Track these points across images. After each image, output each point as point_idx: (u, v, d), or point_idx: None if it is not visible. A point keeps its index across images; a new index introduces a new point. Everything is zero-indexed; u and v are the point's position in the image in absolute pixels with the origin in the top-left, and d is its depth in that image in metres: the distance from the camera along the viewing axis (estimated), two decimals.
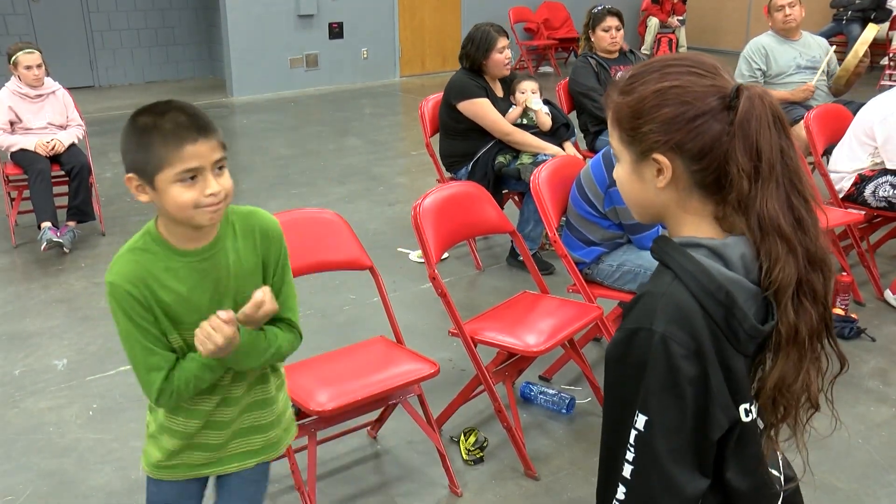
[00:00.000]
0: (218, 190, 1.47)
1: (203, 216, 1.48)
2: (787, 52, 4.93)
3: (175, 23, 10.06)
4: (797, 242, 1.09)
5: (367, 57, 9.90)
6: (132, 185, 1.51)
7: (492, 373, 2.73)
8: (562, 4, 10.96)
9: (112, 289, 1.52)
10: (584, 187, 2.95)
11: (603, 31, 4.61)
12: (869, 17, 9.37)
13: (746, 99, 1.08)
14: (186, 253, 1.55)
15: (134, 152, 1.48)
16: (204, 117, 1.50)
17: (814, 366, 1.13)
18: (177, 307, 1.54)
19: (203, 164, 1.46)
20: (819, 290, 1.11)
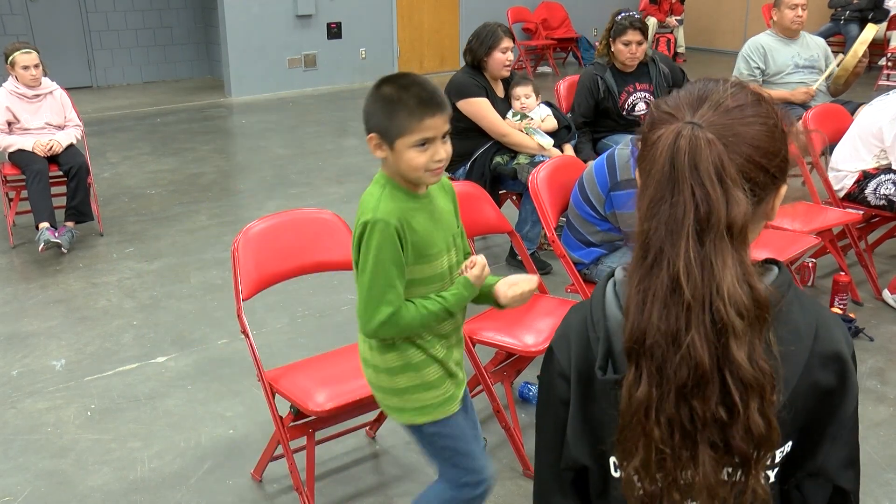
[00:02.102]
0: (444, 157, 1.75)
1: (428, 177, 1.77)
2: (785, 51, 4.93)
3: (173, 23, 10.05)
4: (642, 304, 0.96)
5: (366, 57, 9.89)
6: (372, 143, 1.77)
7: (490, 373, 2.73)
8: (560, 4, 10.96)
9: (383, 226, 1.73)
10: (586, 188, 2.94)
11: (623, 45, 4.25)
12: (867, 17, 9.39)
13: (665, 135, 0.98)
14: (418, 197, 1.82)
15: (379, 117, 1.74)
16: (440, 94, 1.75)
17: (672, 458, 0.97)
18: (423, 239, 1.79)
19: (436, 135, 1.73)
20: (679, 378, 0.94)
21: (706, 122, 0.97)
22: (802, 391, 1.02)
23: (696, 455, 0.96)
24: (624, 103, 4.38)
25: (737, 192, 0.94)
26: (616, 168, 2.82)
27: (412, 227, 1.77)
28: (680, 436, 0.95)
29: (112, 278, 4.26)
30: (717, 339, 0.93)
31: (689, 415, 0.95)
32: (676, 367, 0.94)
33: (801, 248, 3.44)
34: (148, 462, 2.76)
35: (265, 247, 2.48)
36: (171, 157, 6.62)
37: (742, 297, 0.93)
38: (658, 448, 0.96)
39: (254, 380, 2.93)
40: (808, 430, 1.05)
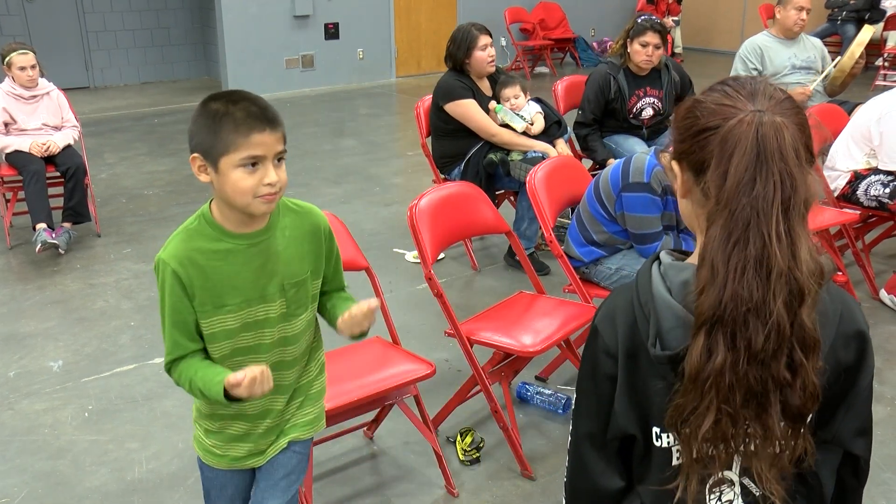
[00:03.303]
0: (275, 180, 1.55)
1: (258, 205, 1.55)
2: (782, 52, 4.93)
3: (170, 23, 10.04)
4: (726, 277, 1.02)
5: (363, 57, 9.89)
6: (195, 164, 1.57)
7: (488, 373, 2.73)
8: (557, 5, 10.96)
9: (162, 266, 1.59)
10: (600, 186, 2.95)
11: (640, 46, 4.21)
12: (863, 17, 9.39)
13: (739, 122, 1.05)
14: (237, 236, 1.62)
15: (203, 134, 1.54)
16: (272, 110, 1.58)
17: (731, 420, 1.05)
18: (222, 287, 1.60)
19: (266, 154, 1.54)
20: (753, 342, 1.02)
21: (773, 112, 1.06)
22: (827, 368, 1.09)
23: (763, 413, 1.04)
24: (633, 107, 4.38)
25: (811, 172, 1.06)
26: (630, 171, 2.84)
27: (203, 272, 1.58)
28: (743, 397, 1.03)
29: (109, 279, 4.26)
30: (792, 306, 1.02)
31: (759, 377, 1.02)
32: (756, 334, 1.01)
33: None
34: (146, 463, 2.76)
35: None
36: (169, 158, 6.61)
37: (812, 265, 1.04)
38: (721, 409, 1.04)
39: None
40: (826, 402, 1.12)
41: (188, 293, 1.59)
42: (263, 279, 1.63)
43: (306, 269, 1.70)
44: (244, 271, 1.62)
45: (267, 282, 1.64)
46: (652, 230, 2.85)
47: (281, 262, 1.65)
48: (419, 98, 4.52)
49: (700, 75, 9.35)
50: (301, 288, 1.70)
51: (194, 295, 1.59)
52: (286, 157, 1.62)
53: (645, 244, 2.88)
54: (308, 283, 1.71)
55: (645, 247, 2.89)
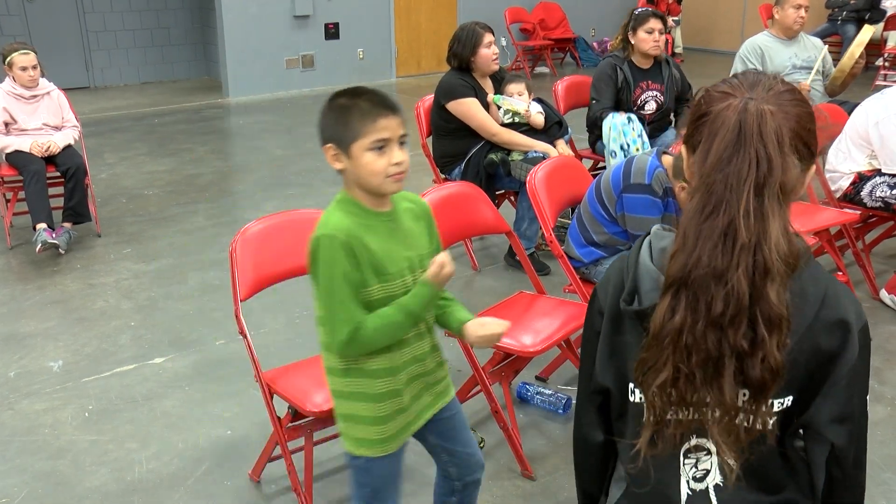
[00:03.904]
0: (402, 160, 1.72)
1: (389, 184, 1.72)
2: (782, 52, 4.93)
3: (170, 23, 10.04)
4: (695, 245, 1.10)
5: (363, 57, 9.89)
6: (329, 153, 1.76)
7: (488, 373, 2.73)
8: (557, 5, 10.96)
9: (328, 241, 1.69)
10: (601, 187, 2.95)
11: (646, 33, 4.36)
12: (863, 17, 9.39)
13: (727, 107, 1.13)
14: (377, 213, 1.78)
15: (333, 126, 1.74)
16: (392, 99, 1.75)
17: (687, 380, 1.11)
18: (382, 256, 1.74)
19: (391, 136, 1.71)
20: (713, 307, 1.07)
21: (763, 100, 1.13)
22: (805, 351, 1.15)
23: (718, 378, 1.10)
24: (637, 98, 4.45)
25: (791, 158, 1.12)
26: (631, 172, 2.84)
27: (364, 243, 1.71)
28: (701, 359, 1.10)
29: (109, 279, 4.26)
30: (755, 281, 1.08)
31: (717, 342, 1.09)
32: (715, 299, 1.08)
33: None
34: (146, 463, 2.76)
35: (263, 247, 2.48)
36: (169, 158, 6.61)
37: (784, 245, 1.09)
38: (679, 368, 1.11)
39: (252, 380, 2.92)
40: (806, 388, 1.18)
41: (356, 263, 1.70)
42: (406, 251, 1.80)
43: (426, 244, 1.88)
44: (392, 243, 1.77)
45: (409, 254, 1.81)
46: None
47: (412, 237, 1.83)
48: (419, 98, 4.52)
49: (700, 75, 9.36)
50: (427, 262, 1.83)
51: (359, 264, 1.71)
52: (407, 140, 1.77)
53: None
54: (427, 259, 1.85)
55: None
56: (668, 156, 2.85)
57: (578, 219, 3.06)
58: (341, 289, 1.69)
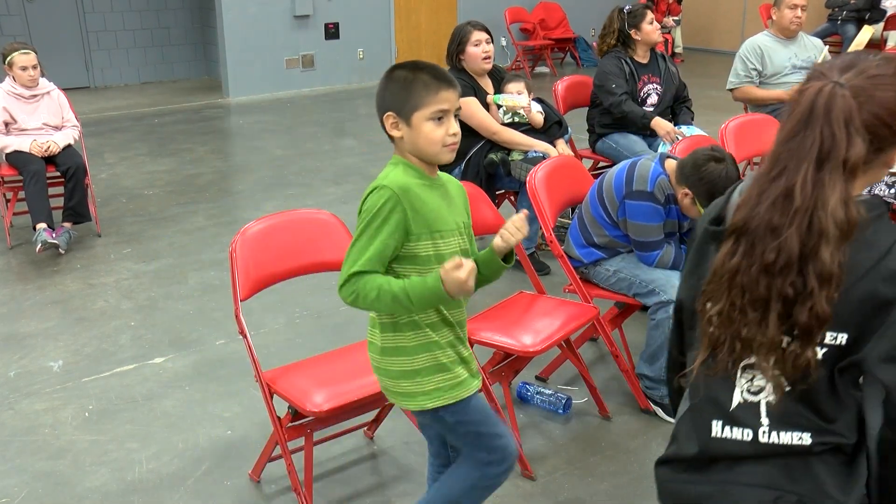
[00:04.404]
0: (457, 130, 1.81)
1: (445, 153, 1.82)
2: (782, 52, 4.93)
3: (171, 23, 10.04)
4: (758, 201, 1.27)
5: (363, 57, 9.89)
6: (389, 121, 1.82)
7: (488, 373, 2.73)
8: (558, 5, 10.96)
9: (383, 192, 1.77)
10: (604, 190, 2.94)
11: (649, 25, 4.48)
12: (863, 17, 9.38)
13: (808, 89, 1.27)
14: (430, 179, 1.86)
15: (396, 94, 1.80)
16: (451, 74, 1.84)
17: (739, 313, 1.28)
18: (434, 214, 1.82)
19: (450, 108, 1.80)
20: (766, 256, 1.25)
21: (848, 83, 1.25)
22: (863, 294, 1.26)
23: (766, 316, 1.26)
24: (640, 90, 4.50)
25: (857, 139, 1.23)
26: (634, 178, 2.83)
27: (422, 199, 1.80)
28: (751, 299, 1.26)
29: (109, 279, 4.26)
30: (808, 239, 1.23)
31: (767, 286, 1.25)
32: (769, 249, 1.24)
33: None
34: (146, 463, 2.76)
35: (263, 247, 2.48)
36: (169, 158, 6.61)
37: (840, 213, 1.23)
38: (733, 303, 1.27)
39: (252, 380, 2.92)
40: (861, 328, 1.27)
41: (406, 222, 1.78)
42: (454, 215, 1.88)
43: (466, 214, 1.95)
44: (443, 205, 1.85)
45: (457, 217, 1.89)
46: (653, 238, 2.84)
47: (456, 205, 1.91)
48: None
49: (701, 75, 9.35)
50: (467, 230, 1.94)
51: (411, 222, 1.78)
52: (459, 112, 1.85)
53: (645, 251, 2.87)
54: (468, 229, 1.95)
55: (645, 254, 2.88)
56: (671, 160, 2.84)
57: (580, 219, 3.05)
58: (374, 236, 1.76)
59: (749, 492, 1.30)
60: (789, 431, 1.30)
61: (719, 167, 2.64)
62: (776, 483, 1.30)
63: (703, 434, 1.35)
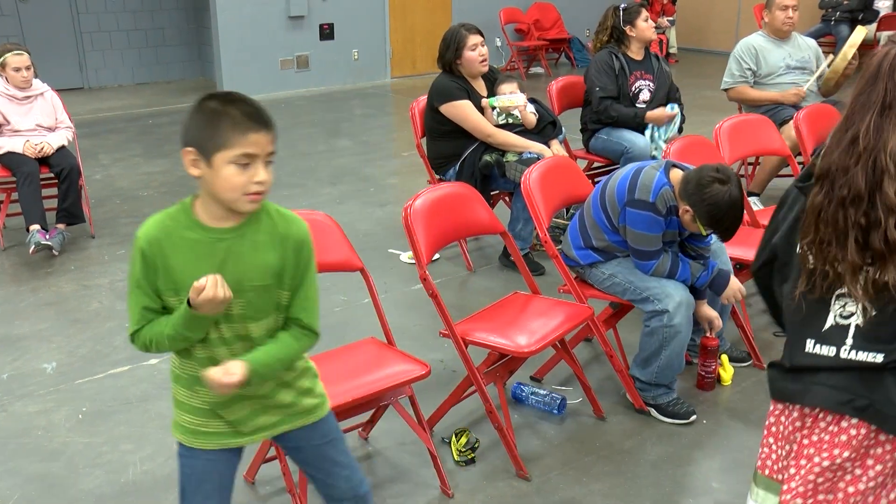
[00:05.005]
0: (265, 179, 1.63)
1: (245, 203, 1.63)
2: (777, 52, 4.95)
3: (165, 24, 10.02)
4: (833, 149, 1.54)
5: (358, 58, 9.89)
6: (188, 157, 1.63)
7: (483, 373, 2.73)
8: (552, 5, 10.96)
9: (135, 241, 1.67)
10: (606, 195, 2.91)
11: (644, 22, 4.52)
12: (857, 17, 9.41)
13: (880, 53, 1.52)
14: (209, 229, 1.67)
15: (200, 129, 1.61)
16: (267, 113, 1.65)
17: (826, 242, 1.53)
18: (181, 275, 1.65)
19: (259, 153, 1.61)
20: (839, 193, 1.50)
21: None
22: None
23: (845, 243, 1.50)
24: (632, 86, 4.52)
25: None
26: (637, 186, 2.78)
27: (165, 256, 1.64)
28: (833, 229, 1.51)
29: (104, 280, 4.25)
30: (873, 176, 1.47)
31: (844, 217, 1.50)
32: (842, 187, 1.50)
33: None
34: (140, 465, 2.75)
35: None
36: (164, 159, 6.60)
37: None
38: (819, 233, 1.53)
39: None
40: None
41: (153, 270, 1.66)
42: (226, 276, 1.63)
43: (270, 276, 1.71)
44: (204, 264, 1.65)
45: (229, 280, 1.63)
46: (651, 248, 2.81)
47: (244, 263, 1.68)
48: (414, 98, 4.52)
49: (696, 75, 9.37)
50: (264, 294, 1.71)
51: (158, 276, 1.67)
52: (275, 160, 1.67)
53: (642, 260, 2.84)
54: (273, 290, 1.73)
55: (642, 262, 2.85)
56: (677, 170, 2.79)
57: (580, 221, 3.03)
58: (133, 290, 1.68)
59: (829, 392, 1.56)
60: (866, 352, 1.52)
61: (723, 189, 2.58)
62: (851, 388, 1.54)
63: (798, 349, 1.61)
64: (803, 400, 1.60)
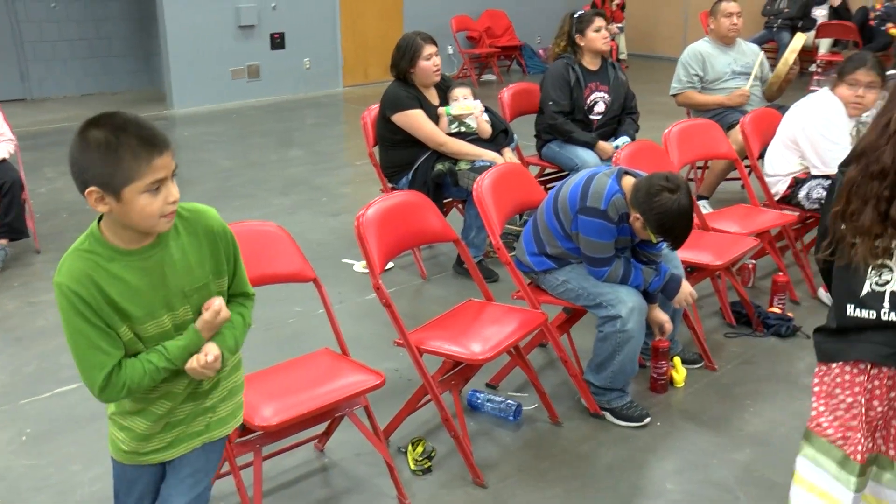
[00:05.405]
0: (177, 196, 1.62)
1: (163, 224, 1.62)
2: (723, 58, 5.06)
3: (111, 34, 9.84)
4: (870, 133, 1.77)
5: (310, 67, 9.83)
6: (92, 197, 1.56)
7: (438, 382, 2.72)
8: (503, 13, 11.05)
9: (60, 289, 1.59)
10: (558, 202, 2.92)
11: (595, 32, 4.46)
12: (797, 25, 9.73)
13: None
14: (130, 252, 1.64)
15: (98, 167, 1.54)
16: (160, 131, 1.61)
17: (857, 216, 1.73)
18: (124, 303, 1.63)
19: (167, 175, 1.59)
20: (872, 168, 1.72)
21: None
22: None
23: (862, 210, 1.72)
24: (587, 98, 4.50)
25: None
26: (589, 193, 2.79)
27: (101, 289, 1.60)
28: (862, 201, 1.73)
29: (50, 296, 4.10)
30: None
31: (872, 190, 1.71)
32: (874, 163, 1.72)
33: (741, 250, 3.52)
34: (89, 485, 2.68)
35: None
36: None
37: None
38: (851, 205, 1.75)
39: None
40: None
41: (94, 310, 1.60)
42: (163, 290, 1.67)
43: (207, 272, 1.74)
44: (143, 286, 1.64)
45: (167, 291, 1.67)
46: (604, 255, 2.83)
47: (179, 270, 1.69)
48: (367, 107, 4.51)
49: (646, 80, 9.50)
50: (204, 290, 1.74)
51: (97, 309, 1.61)
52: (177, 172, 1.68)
53: (595, 266, 2.87)
54: (211, 284, 1.75)
55: (595, 269, 2.87)
56: (629, 177, 2.81)
57: (533, 227, 3.05)
58: (88, 333, 1.60)
59: (871, 347, 1.78)
60: None
61: (672, 198, 2.61)
62: (891, 343, 1.76)
63: (841, 313, 1.81)
64: (849, 356, 1.81)
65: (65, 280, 1.59)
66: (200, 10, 8.77)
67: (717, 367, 3.37)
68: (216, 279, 1.76)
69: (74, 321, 1.60)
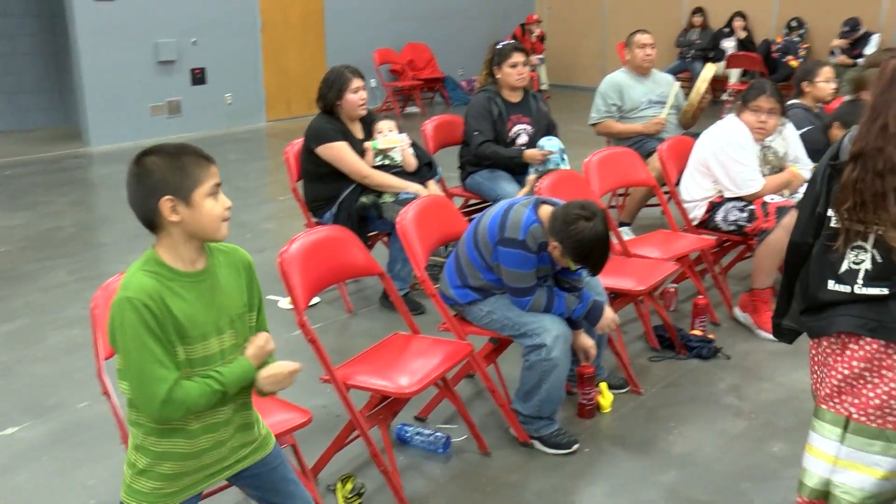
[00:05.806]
0: (230, 204, 1.79)
1: (224, 228, 1.78)
2: (639, 88, 5.22)
3: (20, 70, 9.53)
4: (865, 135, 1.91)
5: (232, 102, 9.73)
6: (167, 206, 1.71)
7: (366, 417, 2.69)
8: (425, 45, 11.18)
9: (131, 304, 1.65)
10: (478, 235, 2.93)
11: (510, 68, 4.44)
12: (708, 56, 10.19)
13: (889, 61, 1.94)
14: (187, 274, 1.76)
15: (167, 176, 1.72)
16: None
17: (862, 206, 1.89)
18: (185, 321, 1.72)
19: (220, 182, 1.78)
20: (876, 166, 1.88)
21: None
22: None
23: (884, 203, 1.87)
24: (510, 130, 4.52)
25: None
26: (507, 225, 2.81)
27: (167, 306, 1.69)
28: (872, 195, 1.88)
29: None
30: None
31: (881, 184, 1.87)
32: (879, 162, 1.87)
33: (662, 275, 3.60)
34: None
35: None
36: (24, 212, 6.25)
37: None
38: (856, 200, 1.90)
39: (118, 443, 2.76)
40: None
41: (161, 325, 1.68)
42: (215, 312, 1.78)
43: (245, 301, 1.87)
44: (199, 306, 1.75)
45: (218, 315, 1.78)
46: (526, 284, 2.86)
47: (226, 295, 1.81)
48: (289, 142, 4.47)
49: (565, 110, 9.71)
50: (244, 320, 1.86)
51: (165, 327, 1.69)
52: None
53: (518, 297, 2.88)
54: (247, 315, 1.87)
55: (518, 299, 2.89)
56: (546, 206, 2.84)
57: (455, 260, 3.05)
58: (153, 348, 1.66)
59: (848, 319, 1.95)
60: (874, 287, 1.92)
61: (588, 225, 2.65)
62: (863, 314, 1.93)
63: (822, 286, 1.99)
64: (830, 330, 1.99)
65: (136, 294, 1.66)
66: (117, 45, 8.60)
67: (642, 390, 3.43)
68: (248, 312, 1.88)
69: (142, 336, 1.66)
